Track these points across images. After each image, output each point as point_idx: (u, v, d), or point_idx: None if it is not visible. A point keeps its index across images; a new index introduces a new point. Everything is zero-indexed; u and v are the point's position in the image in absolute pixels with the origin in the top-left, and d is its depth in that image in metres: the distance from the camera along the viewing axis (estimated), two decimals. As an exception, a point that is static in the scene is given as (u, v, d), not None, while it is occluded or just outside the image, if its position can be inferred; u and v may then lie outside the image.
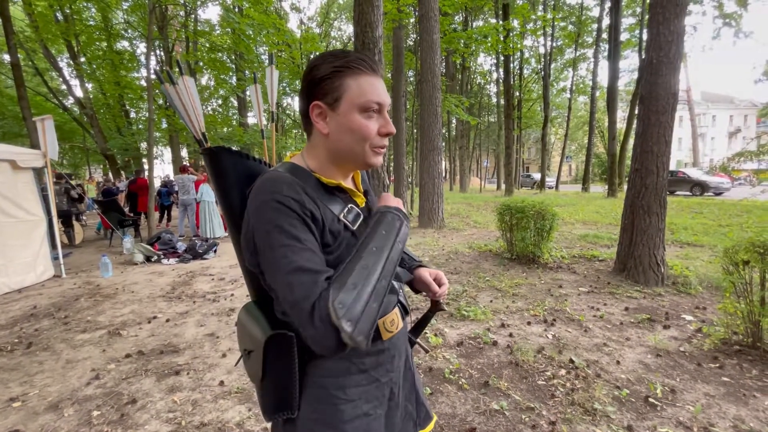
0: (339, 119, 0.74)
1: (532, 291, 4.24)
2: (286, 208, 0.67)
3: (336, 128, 0.75)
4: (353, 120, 0.73)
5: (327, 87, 0.73)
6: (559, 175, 27.11)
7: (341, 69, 0.73)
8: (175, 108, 0.92)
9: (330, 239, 0.73)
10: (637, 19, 18.46)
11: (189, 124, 0.93)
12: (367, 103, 0.73)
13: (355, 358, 0.78)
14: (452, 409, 2.20)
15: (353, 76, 0.73)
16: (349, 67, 0.73)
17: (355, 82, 0.73)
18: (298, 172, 0.76)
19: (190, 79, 0.95)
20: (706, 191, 17.02)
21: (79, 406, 2.31)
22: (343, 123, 0.74)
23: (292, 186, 0.70)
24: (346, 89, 0.73)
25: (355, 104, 0.73)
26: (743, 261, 2.72)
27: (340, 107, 0.73)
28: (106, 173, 23.09)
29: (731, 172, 7.21)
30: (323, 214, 0.73)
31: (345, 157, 0.78)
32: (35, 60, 15.65)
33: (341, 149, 0.76)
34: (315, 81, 0.74)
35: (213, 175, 0.85)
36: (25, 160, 5.11)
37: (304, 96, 0.77)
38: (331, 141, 0.76)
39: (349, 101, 0.73)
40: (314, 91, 0.75)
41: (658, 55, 4.19)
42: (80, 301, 4.35)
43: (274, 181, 0.70)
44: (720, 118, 44.10)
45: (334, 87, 0.73)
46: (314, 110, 0.75)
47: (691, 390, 2.32)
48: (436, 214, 8.91)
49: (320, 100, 0.74)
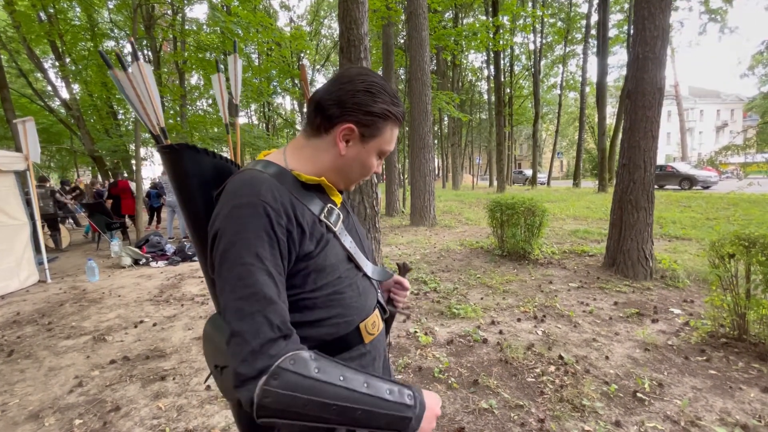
0: (360, 152, 0.76)
1: (522, 287, 4.25)
2: (260, 215, 0.63)
3: (353, 156, 0.76)
4: (370, 159, 0.78)
5: (370, 121, 0.74)
6: (551, 171, 27.34)
7: (390, 116, 0.76)
8: (127, 98, 0.83)
9: (311, 246, 0.70)
10: (625, 15, 18.64)
11: (143, 116, 0.84)
12: (387, 152, 0.80)
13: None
14: (441, 408, 2.18)
15: (392, 126, 0.77)
16: (398, 119, 0.78)
17: (390, 131, 0.78)
18: (275, 171, 0.72)
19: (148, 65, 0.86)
20: (695, 185, 17.25)
21: (60, 414, 2.26)
22: (361, 157, 0.77)
23: (271, 188, 0.66)
24: (382, 133, 0.76)
25: (379, 149, 0.78)
26: (729, 254, 2.74)
27: (369, 144, 0.76)
28: (95, 175, 22.74)
29: (719, 166, 7.29)
30: (303, 216, 0.69)
31: (339, 176, 0.79)
32: (19, 61, 15.33)
33: (343, 172, 0.79)
34: (365, 110, 0.73)
35: (173, 177, 0.78)
36: (6, 163, 5.00)
37: (342, 108, 0.72)
38: (340, 162, 0.77)
39: (378, 144, 0.77)
40: (356, 116, 0.73)
41: (644, 50, 4.21)
42: (65, 306, 4.26)
43: (251, 183, 0.66)
44: (707, 112, 44.71)
45: (377, 127, 0.75)
46: (345, 130, 0.73)
47: (678, 384, 2.33)
48: (428, 211, 8.91)
49: (357, 128, 0.74)
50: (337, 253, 0.75)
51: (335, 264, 0.74)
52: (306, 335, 0.72)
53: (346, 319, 0.76)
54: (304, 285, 0.71)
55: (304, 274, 0.70)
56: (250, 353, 0.58)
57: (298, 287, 0.70)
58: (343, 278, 0.75)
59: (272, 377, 0.57)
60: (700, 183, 17.16)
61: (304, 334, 0.72)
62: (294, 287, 0.70)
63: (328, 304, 0.73)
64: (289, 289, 0.69)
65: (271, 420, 0.59)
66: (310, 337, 0.73)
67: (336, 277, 0.74)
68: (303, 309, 0.72)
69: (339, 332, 0.76)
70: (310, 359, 0.61)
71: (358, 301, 0.78)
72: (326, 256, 0.72)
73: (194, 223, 0.78)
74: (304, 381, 0.58)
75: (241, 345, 0.59)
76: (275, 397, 0.57)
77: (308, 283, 0.71)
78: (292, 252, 0.67)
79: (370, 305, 0.83)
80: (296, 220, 0.68)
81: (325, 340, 0.74)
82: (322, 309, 0.73)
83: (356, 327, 0.78)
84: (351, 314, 0.77)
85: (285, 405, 0.58)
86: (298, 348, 0.62)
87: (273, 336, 0.60)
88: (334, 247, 0.74)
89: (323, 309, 0.73)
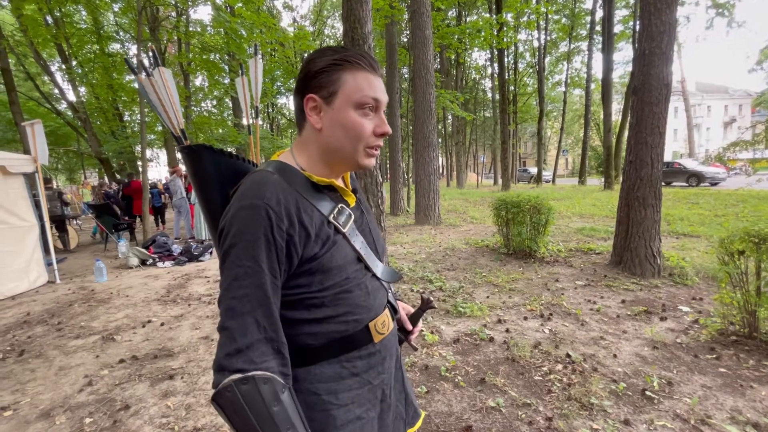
0: (333, 114, 0.71)
1: (528, 286, 4.23)
2: (262, 218, 0.64)
3: (329, 123, 0.72)
4: (348, 116, 0.71)
5: (323, 80, 0.71)
6: (556, 169, 27.16)
7: (339, 63, 0.70)
8: (150, 102, 0.86)
9: (316, 248, 0.70)
10: (630, 11, 18.47)
11: (166, 119, 0.87)
12: (363, 98, 0.71)
13: (346, 362, 0.76)
14: (448, 407, 2.18)
15: (351, 71, 0.71)
16: (348, 61, 0.71)
17: (352, 77, 0.71)
18: (286, 171, 0.72)
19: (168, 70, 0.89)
20: (702, 182, 17.05)
21: (71, 413, 2.29)
22: (337, 118, 0.71)
23: (277, 190, 0.67)
24: (342, 84, 0.70)
25: (351, 100, 0.71)
26: (738, 251, 2.71)
27: (335, 102, 0.71)
28: (102, 177, 22.95)
29: (727, 162, 7.19)
30: (310, 217, 0.69)
31: (336, 155, 0.75)
32: (26, 64, 15.50)
33: (333, 146, 0.74)
34: (311, 74, 0.72)
35: (193, 175, 0.81)
36: (14, 165, 5.06)
37: (299, 89, 0.74)
38: (323, 137, 0.73)
39: (345, 96, 0.70)
40: (310, 84, 0.72)
41: (651, 45, 4.17)
42: (74, 306, 4.31)
43: (258, 185, 0.67)
44: (715, 108, 44.18)
45: (331, 80, 0.70)
46: (308, 103, 0.73)
47: (688, 382, 2.31)
48: (433, 210, 8.89)
49: (315, 93, 0.72)
50: (346, 254, 0.75)
51: (342, 265, 0.74)
52: (314, 331, 0.73)
53: (355, 318, 0.76)
54: (311, 285, 0.71)
55: (309, 274, 0.70)
56: (235, 351, 0.62)
57: (304, 287, 0.71)
58: (351, 279, 0.75)
59: (242, 382, 0.61)
60: (707, 180, 16.96)
61: (313, 331, 0.73)
62: (300, 286, 0.70)
63: (336, 302, 0.73)
64: (294, 288, 0.70)
65: (219, 408, 0.63)
66: (319, 334, 0.73)
67: (343, 278, 0.74)
68: (310, 307, 0.72)
69: (348, 330, 0.76)
70: (279, 393, 0.63)
71: (367, 300, 0.78)
72: (332, 258, 0.71)
73: (212, 220, 0.80)
74: (260, 407, 0.61)
75: (228, 340, 0.63)
76: (233, 397, 0.61)
77: (314, 283, 0.71)
78: (293, 256, 0.68)
79: (380, 305, 0.82)
80: (300, 222, 0.67)
81: (334, 337, 0.74)
82: (329, 307, 0.73)
83: (365, 326, 0.78)
84: (359, 313, 0.77)
85: (233, 409, 0.61)
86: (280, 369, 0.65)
87: (259, 337, 0.64)
88: (341, 249, 0.74)
89: (330, 307, 0.73)
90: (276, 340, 0.66)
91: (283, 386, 0.64)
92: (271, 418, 0.61)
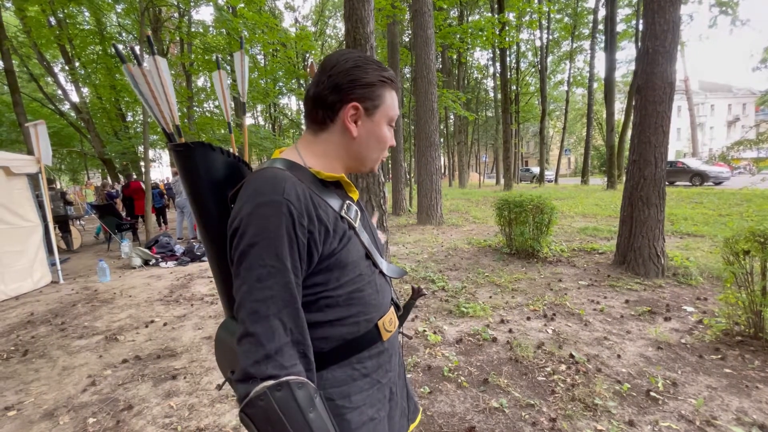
0: (371, 126, 0.76)
1: (531, 286, 4.22)
2: (284, 215, 0.62)
3: (366, 134, 0.76)
4: (382, 131, 0.78)
5: (369, 93, 0.74)
6: (558, 169, 27.06)
7: (386, 81, 0.76)
8: (141, 94, 0.79)
9: (336, 244, 0.70)
10: (633, 10, 18.37)
11: (157, 114, 0.81)
12: (394, 117, 0.79)
13: (357, 363, 0.76)
14: (451, 407, 2.17)
15: (390, 90, 0.77)
16: (393, 82, 0.78)
17: (390, 96, 0.77)
18: (295, 168, 0.72)
19: (163, 60, 0.82)
20: (706, 181, 16.96)
21: (74, 413, 2.29)
22: (373, 131, 0.77)
23: (295, 186, 0.65)
24: (384, 101, 0.76)
25: (387, 116, 0.78)
26: (744, 251, 2.69)
27: (376, 116, 0.76)
28: (105, 177, 23.03)
29: (730, 161, 7.16)
30: (326, 212, 0.69)
31: (360, 161, 0.80)
32: (30, 66, 15.57)
33: (362, 154, 0.78)
34: (361, 83, 0.73)
35: (185, 176, 0.77)
36: (18, 166, 5.08)
37: (340, 92, 0.73)
38: (356, 144, 0.77)
39: (384, 112, 0.77)
40: (357, 92, 0.73)
41: (654, 44, 4.14)
42: (77, 306, 4.32)
43: (275, 181, 0.65)
44: (718, 107, 43.92)
45: (376, 95, 0.75)
46: (350, 111, 0.74)
47: (693, 383, 2.29)
48: (435, 210, 8.88)
49: (361, 103, 0.74)
50: (358, 250, 0.75)
51: (356, 261, 0.74)
52: (327, 335, 0.72)
53: (366, 317, 0.76)
54: (327, 283, 0.70)
55: (327, 271, 0.70)
56: (264, 357, 0.59)
57: (320, 285, 0.70)
58: (363, 275, 0.76)
59: (276, 388, 0.57)
60: (711, 179, 16.87)
61: (326, 334, 0.72)
62: (317, 285, 0.70)
63: (349, 302, 0.73)
64: (311, 288, 0.69)
65: (248, 421, 0.58)
66: (332, 337, 0.73)
67: (357, 275, 0.74)
68: (324, 308, 0.71)
69: (360, 331, 0.76)
70: (313, 399, 0.61)
71: (376, 298, 0.79)
72: (348, 252, 0.72)
73: (205, 222, 0.78)
74: (297, 414, 0.58)
75: (255, 346, 0.60)
76: (267, 405, 0.57)
77: (331, 281, 0.71)
78: (313, 253, 0.67)
79: (387, 302, 0.83)
80: (318, 218, 0.67)
81: (346, 339, 0.74)
82: (343, 307, 0.73)
83: (375, 325, 0.78)
84: (370, 312, 0.77)
85: (267, 419, 0.57)
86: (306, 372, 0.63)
87: (287, 340, 0.61)
88: (355, 244, 0.75)
89: (344, 307, 0.73)
90: (302, 343, 0.64)
91: (315, 390, 0.62)
92: (308, 425, 0.58)
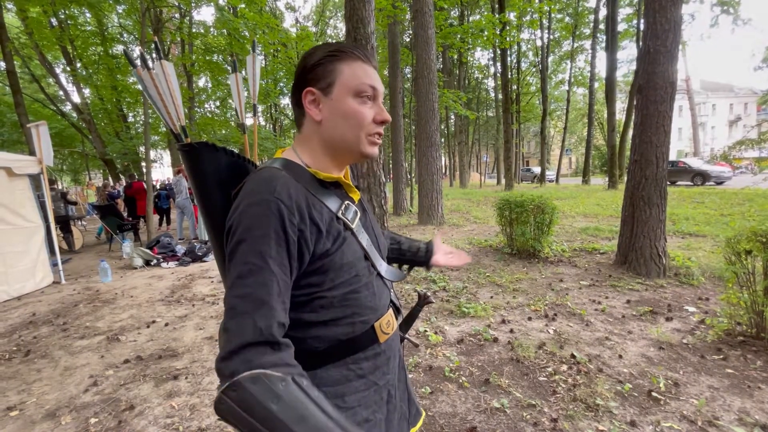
0: (332, 104, 0.72)
1: (532, 286, 4.21)
2: (272, 213, 0.63)
3: (329, 114, 0.72)
4: (347, 105, 0.71)
5: (320, 72, 0.72)
6: (559, 168, 27.03)
7: (335, 54, 0.72)
8: (150, 97, 0.82)
9: (328, 244, 0.69)
10: (634, 9, 18.34)
11: (165, 116, 0.83)
12: (361, 86, 0.72)
13: (352, 364, 0.76)
14: (452, 408, 2.17)
15: (347, 62, 0.72)
16: (343, 51, 0.72)
17: (348, 67, 0.72)
18: (292, 168, 0.72)
19: (170, 64, 0.85)
20: (708, 181, 16.92)
21: (76, 413, 2.30)
22: (336, 108, 0.72)
23: (287, 185, 0.66)
24: (339, 74, 0.71)
25: (349, 88, 0.71)
26: (745, 251, 2.68)
27: (334, 92, 0.71)
28: (106, 178, 23.08)
29: (732, 161, 7.13)
30: (320, 213, 0.69)
31: (339, 146, 0.75)
32: (31, 66, 15.60)
33: (335, 137, 0.74)
34: (308, 68, 0.73)
35: (192, 175, 0.78)
36: (20, 167, 5.09)
37: (297, 84, 0.75)
38: (324, 129, 0.73)
39: (343, 85, 0.71)
40: (307, 78, 0.73)
41: (656, 44, 4.14)
42: (79, 307, 4.33)
43: (267, 181, 0.66)
44: (720, 106, 43.82)
45: (327, 72, 0.71)
46: (307, 97, 0.73)
47: (694, 383, 2.29)
48: (436, 210, 8.87)
49: (313, 86, 0.72)
50: (355, 251, 0.75)
51: (353, 262, 0.73)
52: (321, 335, 0.72)
53: (362, 319, 0.76)
54: (322, 284, 0.70)
55: (321, 272, 0.69)
56: (229, 352, 0.58)
57: (315, 286, 0.70)
58: (360, 276, 0.75)
59: (231, 389, 0.56)
60: (713, 179, 16.83)
61: (320, 334, 0.72)
62: (311, 286, 0.70)
63: (344, 303, 0.73)
64: (305, 288, 0.69)
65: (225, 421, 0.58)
66: (326, 337, 0.72)
67: (353, 276, 0.73)
68: (318, 309, 0.71)
69: (355, 332, 0.75)
70: (276, 388, 0.56)
71: (373, 300, 0.78)
72: (344, 254, 0.71)
73: (211, 220, 0.78)
74: (259, 409, 0.55)
75: (225, 342, 0.60)
76: (229, 407, 0.56)
77: (326, 282, 0.70)
78: (304, 252, 0.67)
79: (384, 304, 0.82)
80: (310, 218, 0.67)
81: (341, 339, 0.74)
82: (338, 308, 0.73)
83: (371, 326, 0.78)
84: (366, 314, 0.76)
85: (235, 419, 0.56)
86: (276, 363, 0.59)
87: (253, 340, 0.59)
88: (351, 245, 0.74)
89: (338, 308, 0.73)
90: (275, 344, 0.61)
91: (281, 378, 0.57)
92: (274, 417, 0.55)
